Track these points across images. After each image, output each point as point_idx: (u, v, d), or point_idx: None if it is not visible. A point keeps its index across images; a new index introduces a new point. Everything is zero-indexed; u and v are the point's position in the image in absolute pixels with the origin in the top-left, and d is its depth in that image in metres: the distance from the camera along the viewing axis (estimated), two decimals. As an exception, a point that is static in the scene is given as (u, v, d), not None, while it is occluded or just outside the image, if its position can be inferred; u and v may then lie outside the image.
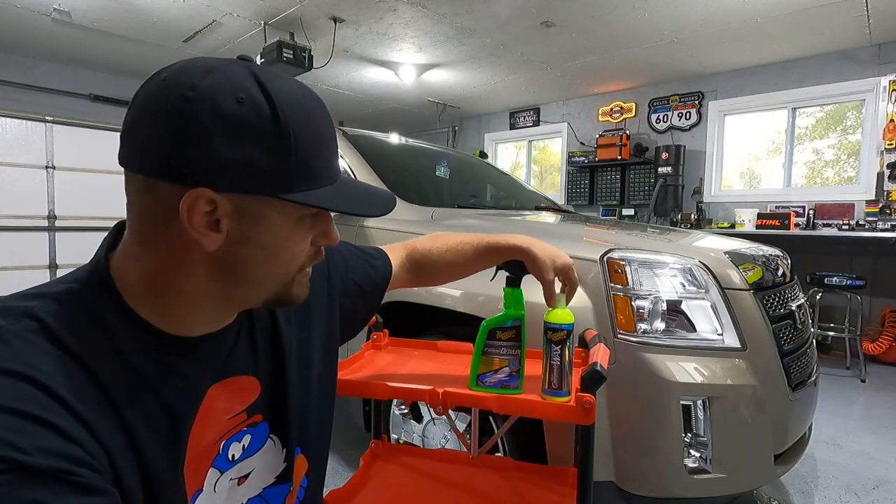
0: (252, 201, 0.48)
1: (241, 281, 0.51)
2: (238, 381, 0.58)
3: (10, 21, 4.13)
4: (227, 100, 0.45)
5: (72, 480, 0.38)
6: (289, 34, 4.12)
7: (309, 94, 0.52)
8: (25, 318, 0.44)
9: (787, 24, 3.72)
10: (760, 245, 1.75)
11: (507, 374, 0.85)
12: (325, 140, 0.52)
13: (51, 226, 4.92)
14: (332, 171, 0.53)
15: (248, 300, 0.54)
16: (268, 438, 0.61)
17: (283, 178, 0.47)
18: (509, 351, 0.85)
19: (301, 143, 0.48)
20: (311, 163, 0.49)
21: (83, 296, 0.48)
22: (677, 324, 1.28)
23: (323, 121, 0.52)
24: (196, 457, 0.52)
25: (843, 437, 2.43)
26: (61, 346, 0.44)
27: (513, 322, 0.85)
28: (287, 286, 0.54)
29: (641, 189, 5.39)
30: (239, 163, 0.45)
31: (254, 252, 0.50)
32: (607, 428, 1.22)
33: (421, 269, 0.92)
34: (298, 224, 0.52)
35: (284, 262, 0.53)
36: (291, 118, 0.47)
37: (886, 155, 3.95)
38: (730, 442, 1.23)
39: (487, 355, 0.86)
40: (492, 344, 0.86)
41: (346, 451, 2.07)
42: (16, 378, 0.40)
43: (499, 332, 0.86)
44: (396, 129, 6.64)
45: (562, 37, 4.09)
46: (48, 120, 4.86)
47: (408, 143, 2.73)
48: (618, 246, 1.36)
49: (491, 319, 0.86)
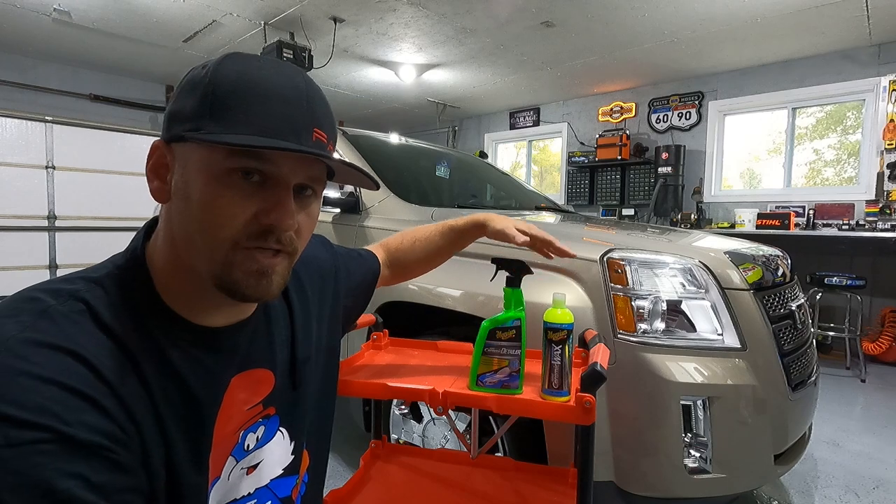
0: (183, 149, 0.49)
1: (180, 243, 0.50)
2: (256, 374, 0.59)
3: (10, 21, 4.13)
4: (199, 68, 0.51)
5: (109, 457, 0.40)
6: (289, 34, 4.12)
7: (277, 66, 0.51)
8: (72, 299, 0.46)
9: (787, 24, 3.72)
10: (760, 245, 1.75)
11: (507, 374, 0.85)
12: (264, 97, 0.48)
13: (51, 226, 4.92)
14: (266, 127, 0.47)
15: (200, 273, 0.50)
16: (278, 431, 0.63)
17: (195, 122, 0.48)
18: (509, 351, 0.85)
19: (221, 90, 0.48)
20: (230, 111, 0.47)
21: (123, 282, 0.50)
22: (677, 324, 1.28)
23: (272, 84, 0.49)
24: (219, 445, 0.54)
25: (843, 437, 2.43)
26: (105, 329, 0.45)
27: (513, 322, 0.85)
28: (224, 266, 0.49)
29: (641, 189, 5.39)
30: (173, 112, 0.50)
31: (183, 204, 0.49)
32: (607, 428, 1.22)
33: (397, 264, 0.96)
34: (224, 178, 0.48)
35: (211, 222, 0.48)
36: (222, 70, 0.49)
37: (886, 155, 3.95)
38: (730, 442, 1.23)
39: (487, 355, 0.86)
40: (492, 344, 0.85)
41: (346, 451, 2.07)
42: (63, 353, 0.42)
43: (499, 333, 0.85)
44: (396, 129, 6.64)
45: (562, 37, 4.09)
46: (48, 120, 4.86)
47: (408, 143, 2.73)
48: (618, 246, 1.36)
49: (491, 319, 0.86)
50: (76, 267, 4.98)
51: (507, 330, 0.85)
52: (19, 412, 0.37)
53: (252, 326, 0.59)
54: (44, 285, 0.47)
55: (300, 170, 0.51)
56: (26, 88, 5.00)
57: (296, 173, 0.51)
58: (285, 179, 0.50)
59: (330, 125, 0.54)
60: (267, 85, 0.49)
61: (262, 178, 0.49)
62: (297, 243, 0.53)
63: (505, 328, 0.85)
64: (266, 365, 0.60)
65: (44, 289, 0.47)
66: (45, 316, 0.43)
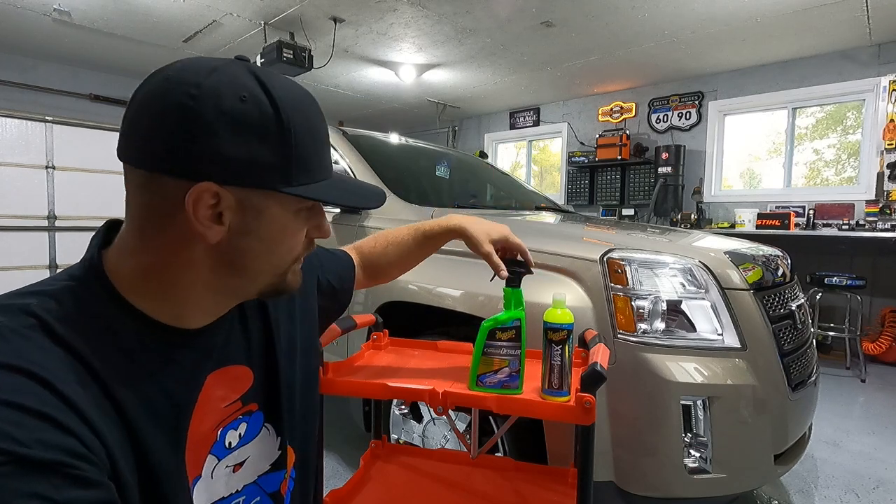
0: (254, 194, 0.50)
1: (240, 272, 0.53)
2: (232, 370, 0.59)
3: (10, 21, 4.13)
4: (231, 98, 0.47)
5: (70, 473, 0.39)
6: (289, 34, 4.12)
7: (304, 92, 0.54)
8: (23, 314, 0.44)
9: (787, 24, 3.72)
10: (760, 245, 1.75)
11: (507, 374, 0.85)
12: (321, 136, 0.55)
13: (51, 226, 4.92)
14: (326, 166, 0.56)
15: (246, 291, 0.56)
16: (262, 427, 0.63)
17: (284, 173, 0.50)
18: (509, 351, 0.85)
19: (300, 138, 0.50)
20: (309, 158, 0.52)
21: (80, 292, 0.48)
22: (677, 324, 1.28)
23: (317, 117, 0.55)
24: (196, 444, 0.53)
25: (843, 437, 2.43)
26: (60, 342, 0.44)
27: (513, 322, 0.85)
28: (282, 276, 0.57)
29: (641, 189, 5.39)
30: (243, 158, 0.47)
31: (254, 244, 0.52)
32: (607, 428, 1.22)
33: (370, 266, 0.96)
34: (296, 217, 0.54)
35: (281, 253, 0.55)
36: (292, 115, 0.50)
37: (886, 155, 3.95)
38: (730, 442, 1.23)
39: (487, 355, 0.85)
40: (492, 344, 0.85)
41: (346, 451, 2.07)
42: (15, 373, 0.40)
43: (499, 333, 0.85)
44: (396, 129, 6.64)
45: (562, 37, 4.09)
46: (48, 120, 4.86)
47: (407, 143, 2.73)
48: (618, 246, 1.36)
49: (491, 320, 0.86)
50: (76, 267, 4.97)
51: (506, 330, 0.85)
52: None
53: (227, 324, 0.59)
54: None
55: None
56: (26, 88, 5.01)
57: None
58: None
59: None
60: (317, 124, 0.54)
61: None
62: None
63: (505, 328, 0.85)
64: (243, 361, 0.61)
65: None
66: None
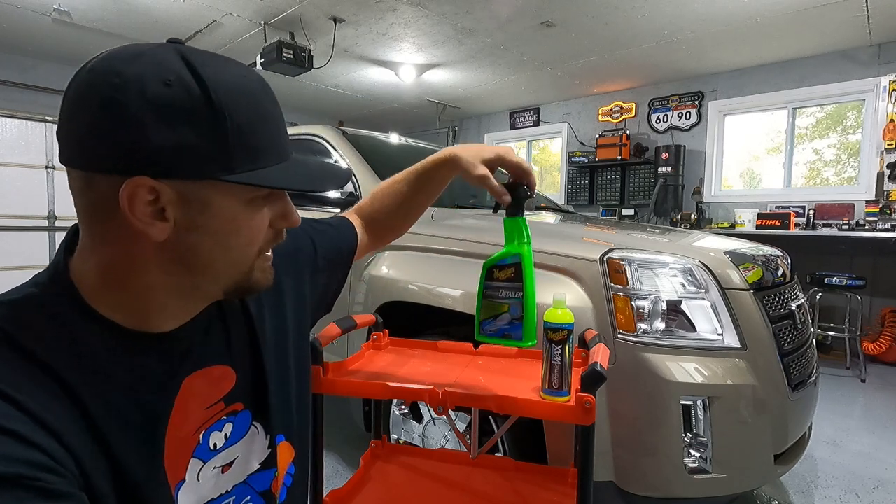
0: (195, 186, 0.46)
1: (196, 270, 0.50)
2: (212, 371, 0.57)
3: (10, 21, 4.13)
4: (156, 84, 0.43)
5: (35, 486, 0.38)
6: (289, 34, 4.12)
7: (246, 72, 0.50)
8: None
9: (787, 24, 3.72)
10: (760, 245, 1.75)
11: (508, 321, 0.74)
12: (268, 117, 0.50)
13: (51, 226, 4.92)
14: (279, 149, 0.51)
15: (209, 291, 0.53)
16: (251, 426, 0.61)
17: (223, 160, 0.46)
18: (508, 293, 0.74)
19: (238, 121, 0.46)
20: (253, 141, 0.47)
21: (43, 300, 0.47)
22: (677, 324, 1.28)
23: (264, 97, 0.50)
24: (175, 449, 0.52)
25: (843, 437, 2.43)
26: (23, 353, 0.43)
27: (512, 259, 0.74)
28: (247, 273, 0.53)
29: (641, 189, 5.39)
30: (173, 147, 0.44)
31: (204, 239, 0.48)
32: (607, 428, 1.22)
33: (375, 224, 0.90)
34: (249, 206, 0.50)
35: (239, 247, 0.51)
36: (225, 97, 0.45)
37: (886, 155, 3.95)
38: (730, 442, 1.23)
39: (488, 299, 0.76)
40: (490, 285, 0.76)
41: (346, 451, 2.07)
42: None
43: (496, 271, 0.75)
44: (396, 129, 6.64)
45: (562, 37, 4.09)
46: (48, 120, 4.86)
47: (408, 143, 2.73)
48: (618, 246, 1.36)
49: (491, 258, 0.78)
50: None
51: (504, 268, 0.74)
52: None
53: (204, 324, 0.57)
54: None
55: None
56: (26, 88, 5.01)
57: None
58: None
59: None
60: (265, 103, 0.50)
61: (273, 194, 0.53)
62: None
63: (503, 266, 0.74)
64: (224, 361, 0.59)
65: None
66: None
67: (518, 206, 0.76)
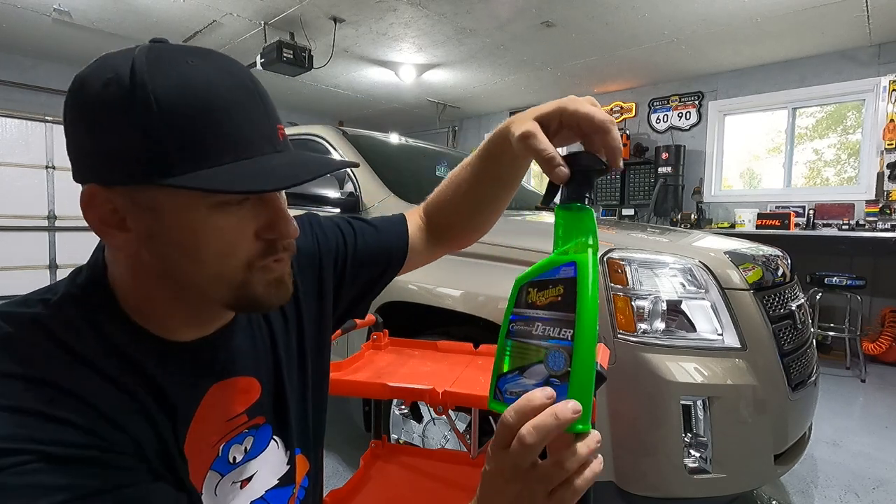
0: (139, 192, 0.42)
1: (179, 284, 0.47)
2: (238, 382, 0.56)
3: (10, 21, 4.13)
4: (95, 85, 0.41)
5: (103, 459, 0.40)
6: (289, 34, 4.12)
7: (212, 66, 0.44)
8: (29, 323, 0.44)
9: (787, 24, 3.72)
10: (760, 245, 1.75)
11: (543, 377, 0.42)
12: (224, 112, 0.43)
13: (51, 226, 4.92)
14: (238, 145, 0.43)
15: (206, 303, 0.49)
16: (271, 440, 0.60)
17: (158, 162, 0.40)
18: (549, 330, 0.42)
19: (177, 118, 0.40)
20: (197, 139, 0.41)
21: (82, 300, 0.47)
22: (677, 324, 1.28)
23: (227, 91, 0.43)
24: (193, 460, 0.51)
25: (843, 437, 2.43)
26: (67, 350, 0.44)
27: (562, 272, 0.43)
28: (241, 289, 0.47)
29: (641, 189, 5.39)
30: (107, 152, 0.41)
31: (170, 250, 0.44)
32: (607, 428, 1.22)
33: (436, 224, 0.75)
34: (214, 213, 0.43)
35: (215, 259, 0.45)
36: (162, 92, 0.40)
37: (886, 155, 3.95)
38: (730, 442, 1.23)
39: (515, 338, 0.45)
40: (521, 317, 0.45)
41: (346, 451, 2.07)
42: (26, 381, 0.41)
43: (532, 293, 0.44)
44: (396, 129, 6.64)
45: (562, 37, 4.09)
46: (48, 120, 4.86)
47: (408, 143, 2.73)
48: (618, 246, 1.36)
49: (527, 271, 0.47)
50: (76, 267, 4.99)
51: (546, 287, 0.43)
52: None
53: (231, 333, 0.56)
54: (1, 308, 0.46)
55: None
56: (26, 88, 5.01)
57: None
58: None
59: (276, 112, 0.49)
60: (221, 94, 0.43)
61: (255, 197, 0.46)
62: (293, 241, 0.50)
63: (543, 282, 0.44)
64: (249, 372, 0.57)
65: (1, 312, 0.45)
66: (6, 346, 0.42)
67: (582, 187, 0.46)
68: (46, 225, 4.92)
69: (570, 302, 0.41)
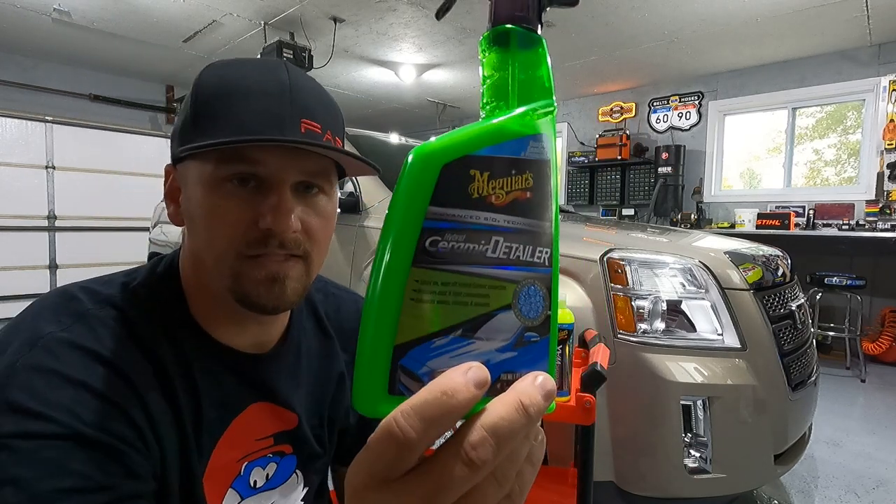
0: (184, 168, 0.50)
1: (196, 260, 0.50)
2: (279, 410, 0.56)
3: (10, 21, 4.13)
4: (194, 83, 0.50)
5: (122, 460, 0.40)
6: (289, 34, 4.12)
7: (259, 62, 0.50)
8: (108, 305, 0.47)
9: (787, 24, 3.72)
10: (760, 245, 1.75)
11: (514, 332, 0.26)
12: (245, 97, 0.46)
13: (51, 226, 4.92)
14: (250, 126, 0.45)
15: (215, 287, 0.50)
16: (293, 473, 0.59)
17: (185, 137, 0.47)
18: (517, 247, 0.25)
19: (202, 98, 0.47)
20: (211, 115, 0.46)
21: (156, 293, 0.51)
22: (677, 324, 1.28)
23: (254, 81, 0.47)
24: (217, 471, 0.51)
25: (843, 437, 2.43)
26: (136, 339, 0.46)
27: (531, 146, 0.25)
28: (236, 281, 0.47)
29: (641, 189, 5.39)
30: (173, 133, 0.51)
31: (190, 224, 0.50)
32: (607, 428, 1.22)
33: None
34: (218, 189, 0.46)
35: (213, 232, 0.47)
36: (203, 79, 0.48)
37: (886, 155, 3.95)
38: (730, 442, 1.23)
39: (440, 266, 0.23)
40: (457, 223, 0.23)
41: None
42: (94, 358, 0.43)
43: (480, 179, 0.23)
44: (396, 129, 6.64)
45: (562, 37, 4.09)
46: (48, 120, 4.86)
47: (408, 143, 2.73)
48: (618, 246, 1.36)
49: (438, 140, 0.25)
50: (76, 267, 5.01)
51: (511, 172, 0.24)
52: (42, 407, 0.38)
53: (281, 362, 0.57)
54: (85, 284, 0.49)
55: (292, 166, 0.47)
56: (26, 88, 5.01)
57: (288, 170, 0.47)
58: (279, 179, 0.46)
59: (327, 115, 0.50)
60: (246, 83, 0.47)
61: (258, 182, 0.47)
62: (306, 245, 0.49)
63: (502, 163, 0.24)
64: (291, 402, 0.57)
65: (84, 287, 0.48)
66: (83, 319, 0.45)
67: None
68: (46, 225, 4.92)
69: (543, 202, 0.25)
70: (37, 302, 0.47)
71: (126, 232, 5.28)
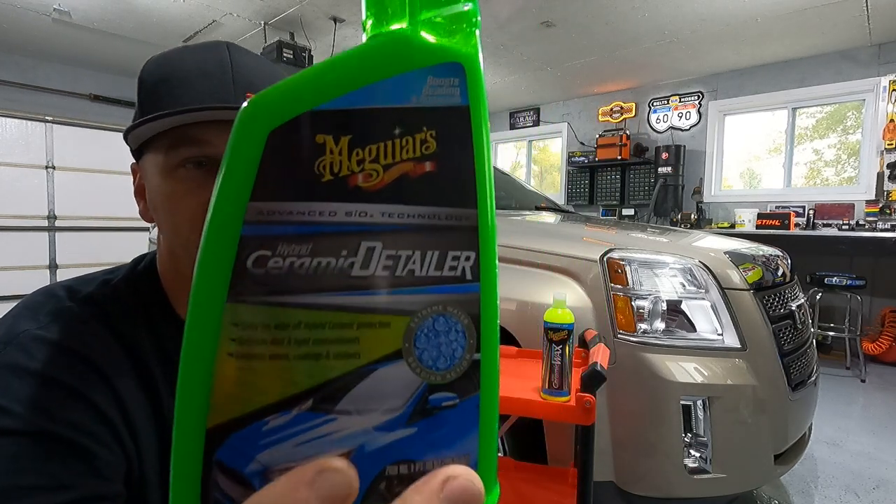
0: (143, 162, 0.50)
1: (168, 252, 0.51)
2: None
3: (10, 21, 4.13)
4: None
5: (87, 459, 0.40)
6: (289, 34, 4.12)
7: (202, 46, 0.50)
8: (88, 302, 0.47)
9: (787, 24, 3.72)
10: (760, 245, 1.75)
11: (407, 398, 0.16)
12: (185, 79, 0.47)
13: (51, 226, 4.92)
14: (184, 106, 0.45)
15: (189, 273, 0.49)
16: None
17: (133, 127, 0.47)
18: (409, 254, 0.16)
19: (145, 86, 0.48)
20: (154, 99, 0.47)
21: (137, 288, 0.51)
22: (677, 324, 1.28)
23: (194, 64, 0.48)
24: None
25: (843, 437, 2.43)
26: (115, 334, 0.46)
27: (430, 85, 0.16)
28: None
29: (641, 189, 5.39)
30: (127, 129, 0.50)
31: (154, 212, 0.49)
32: (607, 428, 1.22)
33: None
34: (173, 175, 0.46)
35: (175, 217, 0.47)
36: (146, 68, 0.49)
37: (886, 155, 3.95)
38: (730, 442, 1.23)
39: (271, 300, 0.15)
40: (302, 226, 0.15)
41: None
42: (69, 354, 0.42)
43: (332, 145, 0.15)
44: (396, 129, 6.63)
45: (562, 37, 4.09)
46: (48, 120, 4.86)
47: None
48: (618, 246, 1.36)
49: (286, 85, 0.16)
50: (76, 267, 5.00)
51: (395, 130, 0.15)
52: (7, 403, 0.38)
53: None
54: (67, 283, 0.49)
55: None
56: (27, 88, 5.00)
57: None
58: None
59: (258, 86, 0.49)
60: (186, 66, 0.48)
61: (211, 163, 0.46)
62: None
63: (377, 116, 0.15)
64: None
65: (66, 286, 0.48)
66: (60, 316, 0.45)
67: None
68: (46, 225, 4.92)
69: (459, 177, 0.17)
70: (21, 301, 0.47)
71: (126, 232, 5.28)
